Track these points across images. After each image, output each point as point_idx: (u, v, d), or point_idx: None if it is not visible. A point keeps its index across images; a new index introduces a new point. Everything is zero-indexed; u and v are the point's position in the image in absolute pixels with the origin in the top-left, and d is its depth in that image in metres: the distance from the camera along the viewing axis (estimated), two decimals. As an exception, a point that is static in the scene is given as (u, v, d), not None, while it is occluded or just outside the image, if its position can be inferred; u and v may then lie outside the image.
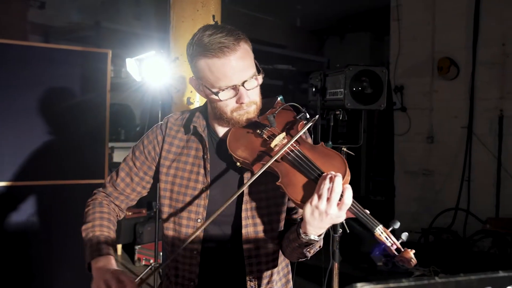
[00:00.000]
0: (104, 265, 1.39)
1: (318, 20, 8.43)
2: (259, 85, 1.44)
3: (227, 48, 1.34)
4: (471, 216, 5.38)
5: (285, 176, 1.35)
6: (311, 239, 1.33)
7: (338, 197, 1.24)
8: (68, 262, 3.34)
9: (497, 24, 5.31)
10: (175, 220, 1.52)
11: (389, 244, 1.28)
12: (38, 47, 3.38)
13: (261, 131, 1.46)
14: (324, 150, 1.40)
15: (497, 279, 0.57)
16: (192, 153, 1.54)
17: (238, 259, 1.49)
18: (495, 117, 5.33)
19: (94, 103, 3.39)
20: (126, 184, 1.61)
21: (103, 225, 1.53)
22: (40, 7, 6.38)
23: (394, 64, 6.11)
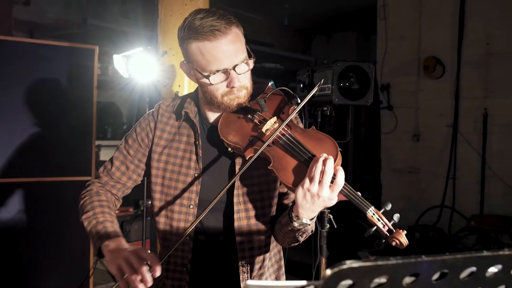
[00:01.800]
0: (117, 246, 1.37)
1: (305, 19, 8.45)
2: (250, 70, 1.45)
3: (218, 31, 1.35)
4: (456, 214, 5.43)
5: (276, 160, 1.36)
6: (303, 222, 1.35)
7: (329, 179, 1.26)
8: (55, 258, 3.32)
9: (481, 25, 5.36)
10: (167, 206, 1.52)
11: (381, 226, 1.29)
12: (24, 43, 3.36)
13: (252, 116, 1.46)
14: (315, 134, 1.42)
15: (481, 259, 0.58)
16: (183, 139, 1.54)
17: (230, 245, 1.50)
18: (480, 116, 5.38)
19: (81, 99, 3.37)
20: (122, 172, 1.60)
21: (104, 212, 1.51)
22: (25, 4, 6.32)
23: (381, 63, 6.15)
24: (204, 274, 1.53)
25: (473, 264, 0.59)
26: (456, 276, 0.59)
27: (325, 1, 7.30)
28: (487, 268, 0.60)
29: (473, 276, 0.60)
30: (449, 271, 0.58)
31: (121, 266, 1.27)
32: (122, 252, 1.31)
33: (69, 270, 3.36)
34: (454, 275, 0.59)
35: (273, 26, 8.59)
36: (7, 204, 3.16)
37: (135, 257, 1.27)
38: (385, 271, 0.53)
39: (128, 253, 1.29)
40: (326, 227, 2.39)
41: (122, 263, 1.27)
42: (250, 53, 1.45)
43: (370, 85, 2.11)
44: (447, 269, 0.57)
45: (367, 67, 2.10)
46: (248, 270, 1.52)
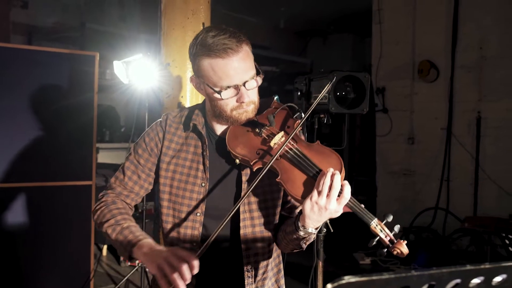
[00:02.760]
0: (151, 248, 1.41)
1: (301, 22, 8.53)
2: (258, 86, 1.51)
3: (230, 49, 1.41)
4: (450, 215, 5.52)
5: (284, 173, 1.43)
6: (308, 232, 1.43)
7: (337, 193, 1.33)
8: (57, 261, 3.38)
9: (475, 29, 5.45)
10: (175, 214, 1.58)
11: (383, 236, 1.37)
12: (26, 50, 3.42)
13: (260, 130, 1.52)
14: (320, 148, 1.49)
15: (465, 272, 0.65)
16: (191, 150, 1.60)
17: (236, 252, 1.57)
18: (473, 119, 5.47)
19: (81, 105, 3.43)
20: (134, 182, 1.64)
21: (126, 218, 1.55)
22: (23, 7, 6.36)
23: (376, 66, 6.23)
24: (211, 278, 1.59)
25: (458, 276, 0.65)
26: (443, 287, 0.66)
27: (321, 4, 7.37)
28: (470, 279, 0.67)
29: (458, 287, 0.67)
30: (436, 283, 0.64)
31: (161, 266, 1.32)
32: (160, 252, 1.36)
33: (70, 272, 3.41)
34: (441, 286, 0.65)
35: (270, 28, 8.67)
36: (10, 208, 3.21)
37: (174, 257, 1.32)
38: (379, 285, 0.60)
39: (167, 253, 1.34)
40: (323, 232, 2.46)
41: (162, 263, 1.32)
42: (259, 70, 1.51)
43: (366, 94, 2.18)
44: (434, 281, 0.64)
45: (363, 77, 2.17)
46: (253, 275, 1.59)
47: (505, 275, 0.69)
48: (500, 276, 0.70)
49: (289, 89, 7.69)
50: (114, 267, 5.08)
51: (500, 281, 0.70)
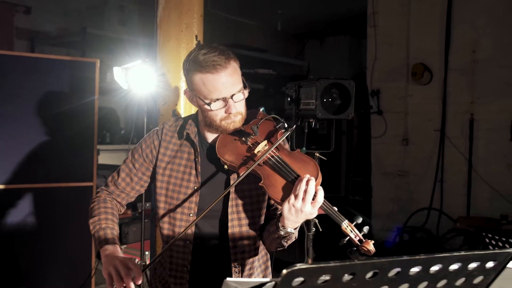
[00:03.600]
0: (112, 253, 1.59)
1: (298, 25, 8.62)
2: (244, 98, 1.66)
3: (219, 66, 1.56)
4: (444, 215, 5.63)
5: (266, 178, 1.57)
6: (288, 231, 1.57)
7: (311, 197, 1.47)
8: (59, 259, 3.50)
9: (468, 32, 5.56)
10: (170, 214, 1.74)
11: (353, 236, 1.51)
12: (29, 57, 3.54)
13: (246, 139, 1.67)
14: (299, 156, 1.64)
15: (403, 261, 0.77)
16: (185, 156, 1.75)
17: (224, 249, 1.72)
18: (466, 121, 5.58)
19: (83, 109, 3.55)
20: (127, 183, 1.81)
21: (108, 219, 1.74)
22: (26, 12, 6.47)
23: (371, 68, 6.34)
24: (202, 273, 1.74)
25: (398, 265, 0.77)
26: (386, 275, 0.78)
27: (318, 7, 7.47)
28: (410, 268, 0.79)
29: (399, 274, 0.79)
30: (379, 271, 0.76)
31: (111, 273, 1.50)
32: (114, 260, 1.54)
33: (72, 270, 3.54)
34: (384, 273, 0.77)
35: (267, 31, 8.76)
36: (14, 208, 3.33)
37: (123, 267, 1.50)
38: (328, 271, 0.72)
39: (118, 262, 1.52)
40: (312, 231, 2.59)
41: (112, 270, 1.50)
42: (245, 84, 1.67)
43: (351, 100, 2.30)
44: (377, 270, 0.76)
45: (348, 84, 2.29)
46: (240, 271, 1.73)
47: (440, 264, 0.82)
48: (436, 266, 0.82)
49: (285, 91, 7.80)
50: (115, 266, 5.21)
51: (437, 270, 0.82)
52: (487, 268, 0.87)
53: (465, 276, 0.87)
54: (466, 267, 0.86)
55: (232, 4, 7.04)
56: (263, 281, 0.71)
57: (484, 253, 0.85)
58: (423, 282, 0.83)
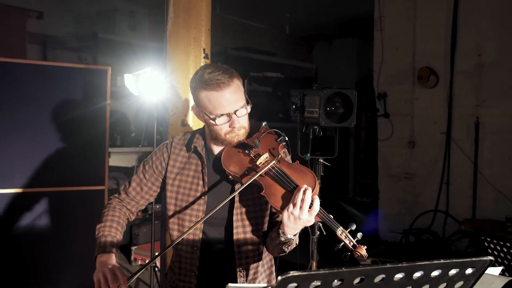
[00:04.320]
0: (105, 260, 1.71)
1: (306, 27, 8.70)
2: (247, 113, 1.78)
3: (223, 84, 1.68)
4: (450, 217, 5.68)
5: (267, 188, 1.68)
6: (288, 237, 1.67)
7: (308, 205, 1.57)
8: (71, 260, 3.61)
9: (473, 36, 5.61)
10: (179, 222, 1.86)
11: (348, 242, 1.61)
12: (44, 65, 3.66)
13: (249, 151, 1.79)
14: (298, 167, 1.75)
15: (387, 269, 0.87)
16: (192, 168, 1.87)
17: (230, 254, 1.83)
18: (472, 124, 5.63)
19: (95, 115, 3.66)
20: (137, 192, 1.94)
21: (112, 227, 1.85)
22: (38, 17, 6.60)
23: (377, 72, 6.41)
24: (209, 278, 1.85)
25: (382, 272, 0.87)
26: (372, 281, 0.87)
27: (326, 11, 7.55)
28: (394, 275, 0.88)
29: (384, 280, 0.88)
30: (365, 277, 0.86)
31: (99, 278, 1.63)
32: (104, 267, 1.66)
33: (86, 270, 3.63)
34: (369, 280, 0.87)
35: (275, 34, 8.85)
36: (31, 211, 3.45)
37: (110, 274, 1.62)
38: (318, 277, 0.81)
39: (107, 269, 1.64)
40: (316, 234, 2.68)
41: (100, 276, 1.63)
42: (248, 100, 1.78)
43: (353, 109, 2.39)
44: (364, 276, 0.85)
45: (350, 94, 2.38)
46: (245, 275, 1.84)
47: (421, 271, 0.91)
48: (418, 272, 0.91)
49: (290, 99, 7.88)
50: (125, 266, 5.32)
51: (419, 276, 0.91)
52: (466, 274, 0.96)
53: (446, 282, 0.96)
54: (447, 273, 0.95)
55: (241, 8, 7.13)
56: (261, 286, 0.80)
57: (463, 261, 0.94)
58: (407, 287, 0.92)
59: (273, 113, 7.49)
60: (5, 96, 3.36)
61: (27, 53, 6.33)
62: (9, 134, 3.38)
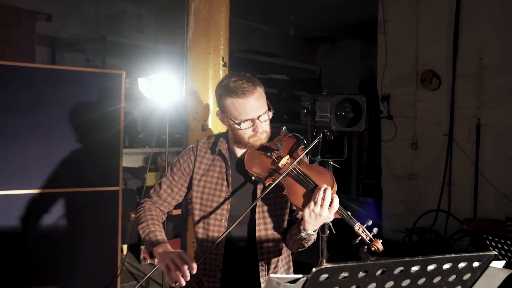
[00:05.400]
0: (164, 250, 1.84)
1: (310, 30, 8.81)
2: (269, 119, 1.91)
3: (247, 91, 1.81)
4: (451, 217, 5.81)
5: (289, 187, 1.82)
6: (308, 233, 1.81)
7: (328, 203, 1.70)
8: (88, 259, 3.72)
9: (474, 40, 5.74)
10: (205, 220, 1.99)
11: (364, 236, 1.75)
12: (61, 70, 3.78)
13: (271, 154, 1.92)
14: (317, 168, 1.89)
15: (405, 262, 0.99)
16: (217, 169, 2.01)
17: (252, 249, 1.97)
18: (473, 126, 5.75)
19: (109, 117, 3.76)
20: (168, 194, 2.08)
21: (155, 224, 1.99)
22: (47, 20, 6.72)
23: (381, 74, 6.53)
24: (232, 272, 1.98)
25: (401, 265, 0.99)
26: (392, 272, 0.99)
27: (330, 14, 7.66)
28: (411, 267, 1.01)
29: (403, 272, 1.01)
30: (386, 269, 0.98)
31: (168, 264, 1.74)
32: (169, 254, 1.78)
33: (100, 270, 3.77)
34: (390, 271, 0.99)
35: (279, 36, 8.97)
36: (47, 211, 3.55)
37: (178, 258, 1.74)
38: (347, 269, 0.94)
39: (174, 255, 1.76)
40: (326, 233, 2.80)
41: (169, 262, 1.74)
42: (270, 106, 1.92)
43: (363, 114, 2.52)
44: (385, 268, 0.98)
45: (360, 99, 2.51)
46: (266, 269, 1.98)
47: (435, 264, 1.03)
48: (432, 265, 1.03)
49: (298, 95, 8.01)
50: (135, 265, 5.45)
51: (432, 268, 1.04)
52: (473, 267, 1.09)
53: (456, 274, 1.08)
54: (457, 266, 1.07)
55: (246, 10, 7.24)
56: (297, 277, 0.93)
57: (470, 255, 1.06)
58: (422, 278, 1.05)
59: (278, 115, 7.60)
60: (23, 99, 3.46)
61: (36, 55, 6.45)
62: (26, 136, 3.48)
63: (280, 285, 0.91)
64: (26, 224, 3.50)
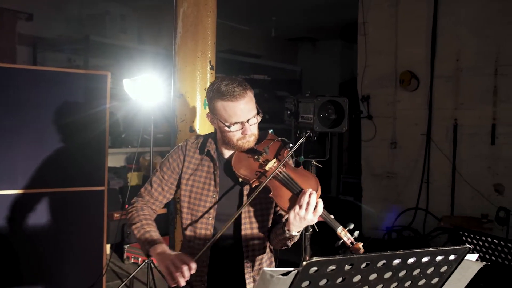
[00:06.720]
0: (163, 251, 1.90)
1: (291, 31, 8.89)
2: (258, 122, 1.98)
3: (238, 95, 1.88)
4: (429, 215, 5.96)
5: (275, 190, 1.89)
6: (292, 234, 1.89)
7: (313, 207, 1.78)
8: (74, 258, 3.75)
9: (452, 43, 5.89)
10: (192, 218, 2.06)
11: (346, 239, 1.82)
12: (47, 71, 3.79)
13: (258, 157, 2.00)
14: (303, 172, 1.97)
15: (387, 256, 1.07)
16: (205, 169, 2.07)
17: (238, 247, 2.05)
18: (450, 126, 5.91)
19: (95, 118, 3.80)
20: (159, 192, 2.13)
21: (149, 224, 2.04)
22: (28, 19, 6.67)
23: (361, 75, 6.64)
24: (219, 268, 2.06)
25: (383, 258, 1.07)
26: (375, 265, 1.08)
27: (311, 15, 7.75)
28: (392, 260, 1.09)
29: (385, 265, 1.09)
30: (370, 262, 1.06)
31: (168, 265, 1.80)
32: (169, 255, 1.85)
33: (86, 269, 3.80)
34: (374, 264, 1.07)
35: (261, 37, 9.04)
36: (32, 211, 3.58)
37: (178, 260, 1.80)
38: (334, 262, 1.02)
39: (174, 257, 1.83)
40: (310, 231, 2.89)
41: (169, 263, 1.80)
42: (259, 110, 1.99)
43: (345, 116, 2.61)
44: (369, 261, 1.06)
45: (342, 101, 2.60)
46: (251, 266, 2.07)
47: (415, 257, 1.12)
48: (412, 258, 1.12)
49: (280, 95, 8.10)
50: (119, 264, 5.47)
51: (412, 261, 1.13)
52: (450, 260, 1.18)
53: (434, 266, 1.17)
54: (435, 259, 1.16)
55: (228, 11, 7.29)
56: (289, 270, 1.00)
57: (447, 249, 1.15)
58: (403, 270, 1.13)
59: (260, 115, 7.66)
60: (8, 100, 3.48)
61: (17, 55, 6.40)
62: (13, 136, 3.50)
63: (273, 278, 0.99)
64: (12, 224, 3.52)
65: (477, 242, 2.63)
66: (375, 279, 1.12)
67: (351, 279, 1.08)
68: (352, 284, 1.08)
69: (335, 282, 1.06)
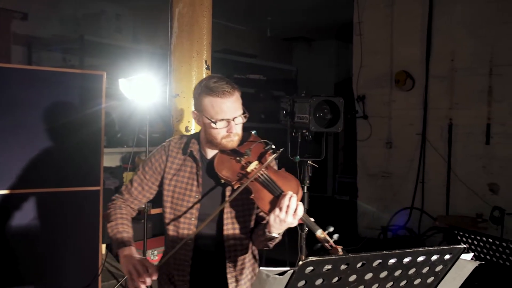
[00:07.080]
0: (129, 254, 1.92)
1: (287, 30, 8.91)
2: (243, 123, 1.99)
3: (227, 92, 1.89)
4: (425, 214, 5.98)
5: (256, 192, 1.89)
6: (273, 236, 1.88)
7: (292, 210, 1.78)
8: (69, 259, 3.74)
9: (447, 43, 5.91)
10: (175, 218, 2.07)
11: (325, 242, 1.80)
12: (42, 71, 3.79)
13: (240, 158, 2.00)
14: (284, 174, 1.98)
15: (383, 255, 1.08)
16: (188, 170, 2.07)
17: (220, 247, 2.06)
18: (445, 125, 5.93)
19: (90, 117, 3.79)
20: (139, 191, 2.14)
21: (124, 224, 2.05)
22: (23, 19, 6.64)
23: (357, 75, 6.66)
24: (201, 267, 2.07)
25: (379, 258, 1.08)
26: (371, 265, 1.08)
27: (306, 15, 7.76)
28: (388, 260, 1.10)
29: (381, 264, 1.10)
30: (366, 262, 1.07)
31: (130, 271, 1.83)
32: (132, 259, 1.87)
33: (81, 269, 3.80)
34: (369, 264, 1.08)
35: (257, 37, 9.04)
36: (26, 212, 3.55)
37: (140, 266, 1.83)
38: (330, 262, 1.02)
39: (136, 262, 1.85)
40: (305, 231, 2.90)
41: (131, 269, 1.83)
42: (245, 111, 1.99)
43: (340, 115, 2.61)
44: (365, 261, 1.06)
45: (338, 101, 2.60)
46: (233, 266, 2.08)
47: (410, 257, 1.12)
48: (407, 258, 1.13)
49: (275, 95, 8.10)
50: (114, 264, 5.46)
51: (408, 261, 1.13)
52: (445, 259, 1.18)
53: (429, 266, 1.18)
54: (430, 258, 1.17)
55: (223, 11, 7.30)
56: (285, 269, 1.01)
57: (442, 248, 1.16)
58: (398, 270, 1.14)
59: (255, 114, 7.68)
60: (3, 100, 3.46)
61: (12, 54, 6.38)
62: (7, 136, 3.48)
63: (270, 277, 0.99)
64: (7, 223, 3.50)
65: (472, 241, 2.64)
66: (370, 279, 1.12)
67: (347, 279, 1.09)
68: (348, 284, 1.09)
69: (331, 281, 1.06)
